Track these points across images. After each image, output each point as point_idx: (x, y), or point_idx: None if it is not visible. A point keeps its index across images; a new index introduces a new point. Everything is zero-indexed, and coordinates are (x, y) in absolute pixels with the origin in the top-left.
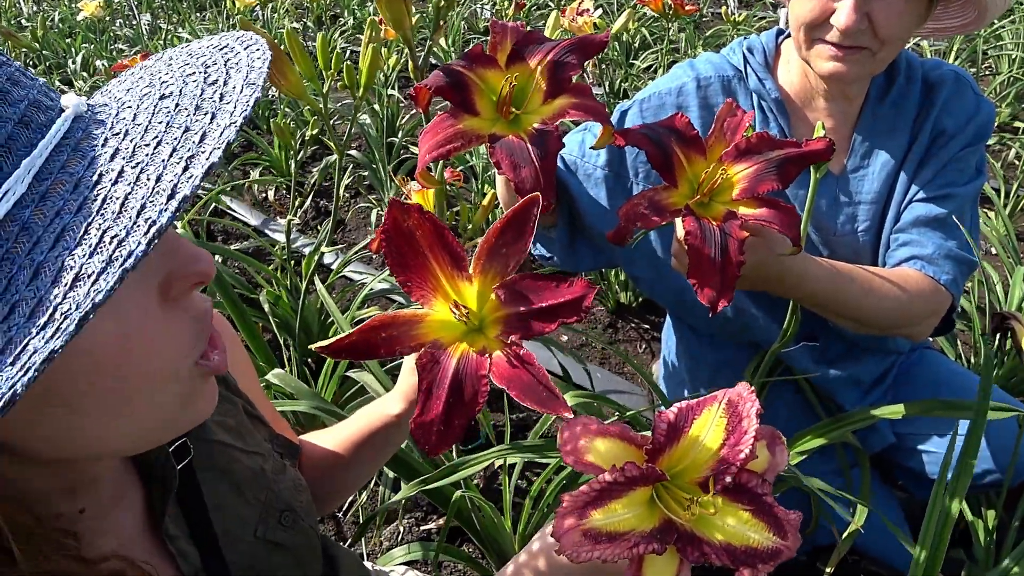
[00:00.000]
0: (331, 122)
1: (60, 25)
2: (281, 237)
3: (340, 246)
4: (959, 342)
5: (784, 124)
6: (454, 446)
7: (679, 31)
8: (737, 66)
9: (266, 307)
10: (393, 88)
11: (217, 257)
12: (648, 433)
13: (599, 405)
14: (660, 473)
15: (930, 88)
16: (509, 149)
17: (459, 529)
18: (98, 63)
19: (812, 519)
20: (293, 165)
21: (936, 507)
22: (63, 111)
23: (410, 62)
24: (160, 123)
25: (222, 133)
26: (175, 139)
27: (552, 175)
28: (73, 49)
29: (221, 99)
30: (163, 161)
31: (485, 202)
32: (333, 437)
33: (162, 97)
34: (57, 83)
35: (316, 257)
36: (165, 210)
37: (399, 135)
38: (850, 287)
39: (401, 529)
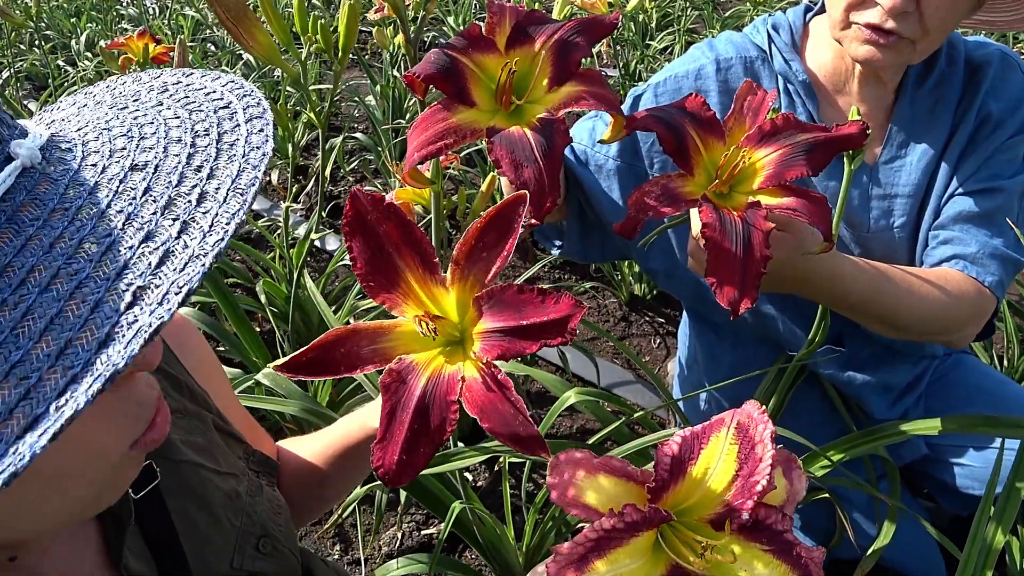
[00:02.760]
0: (337, 101)
1: (65, 5)
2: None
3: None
4: (993, 343)
5: (812, 109)
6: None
7: (694, 9)
8: (761, 46)
9: (263, 298)
10: (399, 68)
11: None
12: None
13: (604, 404)
14: (665, 514)
15: (974, 70)
16: (510, 144)
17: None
18: (103, 43)
19: (835, 532)
20: (291, 148)
21: (979, 535)
22: (11, 158)
23: (401, 35)
24: (119, 211)
25: (184, 268)
26: (132, 239)
27: (557, 173)
28: (78, 29)
29: (198, 203)
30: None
31: (484, 188)
32: (312, 446)
33: (133, 168)
34: (62, 63)
35: (307, 245)
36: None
37: (406, 117)
38: (886, 288)
39: (401, 535)
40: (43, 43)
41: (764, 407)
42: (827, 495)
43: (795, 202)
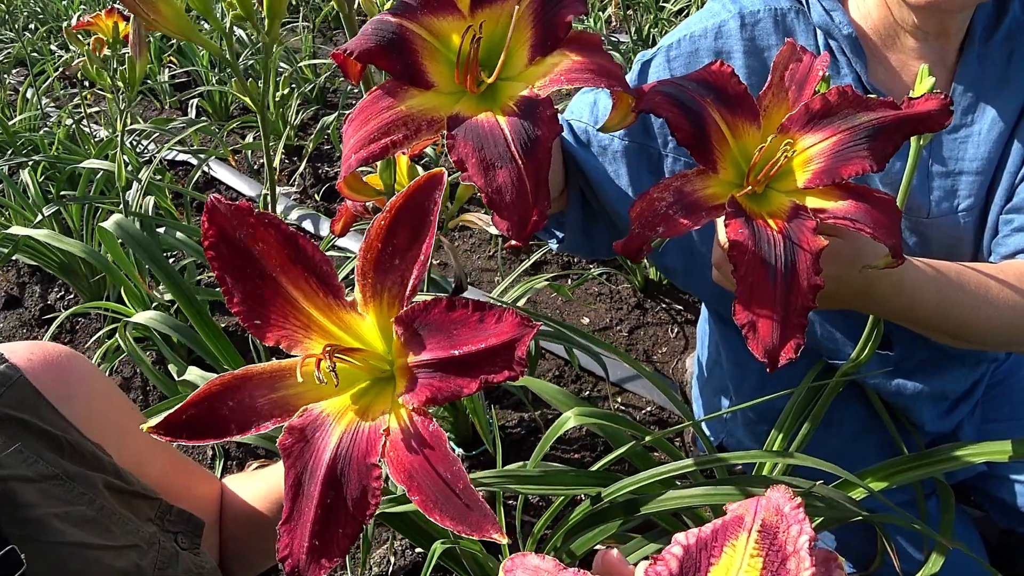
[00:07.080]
0: (331, 76)
1: None
2: (279, 207)
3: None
4: None
5: (860, 70)
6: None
7: None
8: None
9: None
10: None
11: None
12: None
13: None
14: None
15: None
16: (476, 138)
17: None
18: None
19: (875, 555)
20: (261, 127)
21: None
22: None
23: None
24: None
25: None
26: None
27: (543, 174)
28: (71, 11)
29: None
30: None
31: None
32: (256, 489)
33: None
34: (55, 47)
35: None
36: None
37: None
38: (959, 298)
39: (392, 558)
40: (39, 27)
41: (799, 500)
42: (867, 514)
43: (854, 207)
